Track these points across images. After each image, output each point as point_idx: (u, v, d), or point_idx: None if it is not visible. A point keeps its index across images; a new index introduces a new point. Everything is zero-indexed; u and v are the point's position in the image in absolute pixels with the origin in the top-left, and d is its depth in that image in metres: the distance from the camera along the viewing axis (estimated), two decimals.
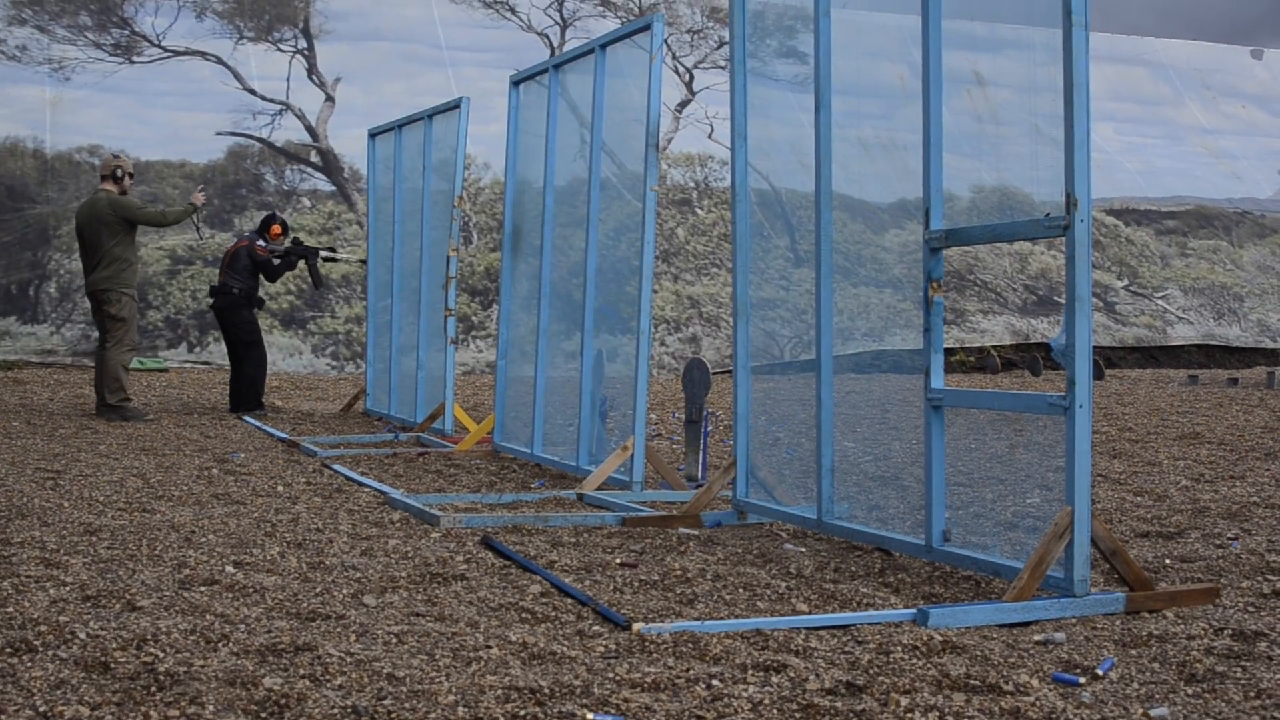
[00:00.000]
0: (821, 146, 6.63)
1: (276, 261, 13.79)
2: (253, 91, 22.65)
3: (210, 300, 14.00)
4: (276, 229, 13.95)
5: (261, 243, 13.69)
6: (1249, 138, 30.18)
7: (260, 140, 22.04)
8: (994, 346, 21.58)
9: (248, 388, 13.31)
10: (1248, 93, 31.55)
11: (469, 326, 19.63)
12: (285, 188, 21.53)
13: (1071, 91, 5.16)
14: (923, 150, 5.90)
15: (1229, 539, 6.80)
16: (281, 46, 23.49)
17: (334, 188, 21.64)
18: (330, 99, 22.98)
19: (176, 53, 22.76)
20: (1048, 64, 5.30)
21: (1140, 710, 4.01)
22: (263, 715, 3.87)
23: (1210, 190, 27.89)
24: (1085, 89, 5.17)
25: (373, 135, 13.80)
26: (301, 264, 14.49)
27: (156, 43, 22.77)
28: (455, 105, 11.52)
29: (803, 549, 6.52)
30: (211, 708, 3.88)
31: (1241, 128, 30.42)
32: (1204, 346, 23.47)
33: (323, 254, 14.79)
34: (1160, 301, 24.11)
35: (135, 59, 22.51)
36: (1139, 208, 26.38)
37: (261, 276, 13.69)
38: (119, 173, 12.51)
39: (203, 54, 22.91)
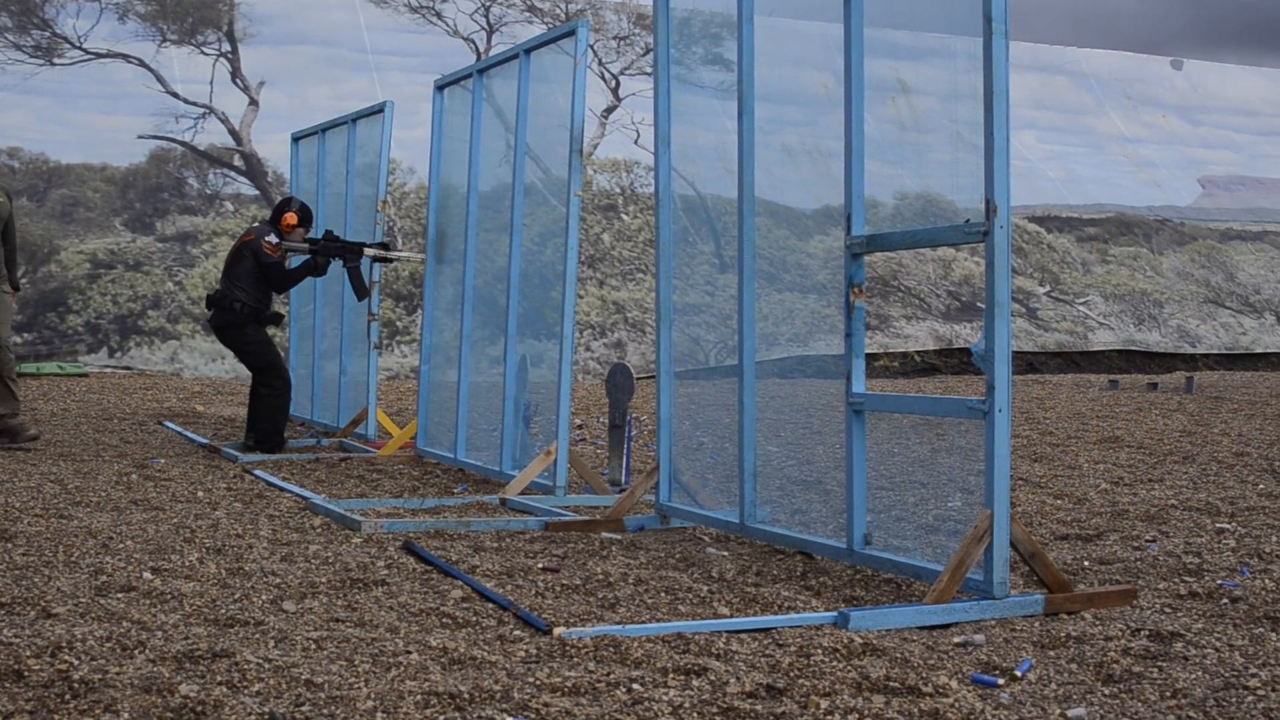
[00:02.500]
0: (744, 152, 6.65)
1: (293, 263, 10.85)
2: (175, 95, 22.44)
3: (208, 311, 10.89)
4: (291, 218, 10.69)
5: (273, 238, 10.53)
6: (1169, 147, 30.54)
7: (183, 144, 21.84)
8: (917, 352, 21.71)
9: (263, 422, 10.42)
10: (1168, 102, 31.94)
11: (393, 331, 19.54)
12: (208, 191, 21.34)
13: (991, 98, 5.20)
14: (845, 156, 5.93)
15: (1147, 541, 6.87)
16: (205, 50, 23.29)
17: (257, 192, 21.47)
18: (254, 103, 22.81)
19: (98, 55, 22.52)
20: (970, 72, 5.33)
21: (1058, 711, 4.04)
22: None
23: (1131, 198, 28.20)
24: (1005, 96, 5.21)
25: (296, 139, 13.70)
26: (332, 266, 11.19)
27: (78, 45, 22.52)
28: (379, 109, 11.46)
29: (725, 553, 6.53)
30: (127, 715, 3.84)
31: (1162, 137, 30.78)
32: (1124, 352, 23.72)
33: (369, 253, 10.69)
34: (1081, 307, 24.35)
35: (56, 61, 22.25)
36: (1061, 215, 26.63)
37: (272, 284, 10.67)
38: None
39: (125, 56, 22.67)
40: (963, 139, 5.53)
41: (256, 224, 10.99)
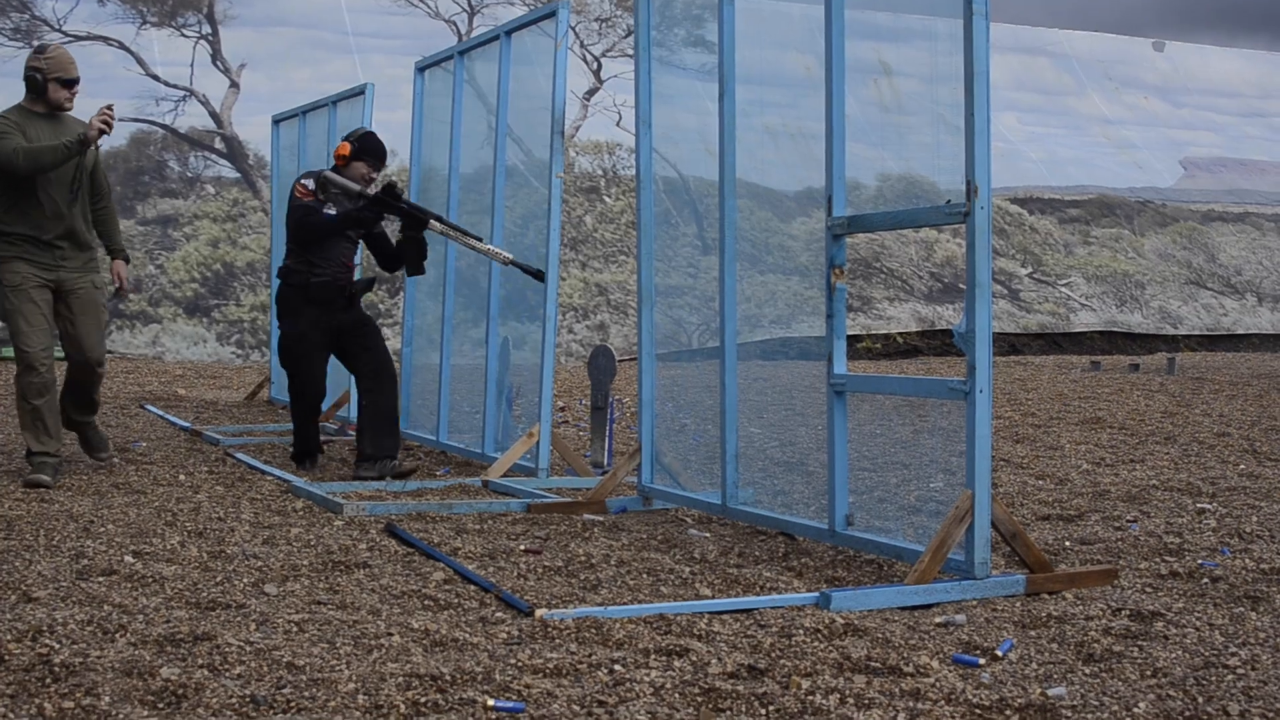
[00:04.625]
0: (726, 134, 6.65)
1: (328, 210, 8.25)
2: (156, 77, 22.36)
3: None
4: (343, 147, 8.38)
5: (308, 181, 8.33)
6: (1150, 128, 30.58)
7: (164, 127, 21.76)
8: (900, 333, 21.73)
9: (295, 433, 8.62)
10: (1149, 84, 31.97)
11: (375, 314, 19.51)
12: (189, 174, 21.28)
13: (972, 80, 5.20)
14: (826, 137, 5.92)
15: (1128, 521, 6.89)
16: (185, 32, 23.20)
17: (238, 175, 21.41)
18: (235, 85, 22.73)
19: (78, 37, 22.40)
20: (951, 53, 5.33)
21: (1038, 690, 4.05)
22: (160, 706, 3.82)
23: (1112, 179, 28.24)
24: (985, 77, 5.21)
25: (277, 121, 13.65)
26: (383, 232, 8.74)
27: (57, 27, 22.41)
28: (360, 92, 11.42)
29: (707, 534, 6.53)
30: (108, 699, 3.83)
31: (1143, 118, 30.82)
32: (1106, 333, 23.77)
33: (436, 227, 8.27)
34: (1064, 289, 24.39)
35: (35, 43, 22.13)
36: (1042, 196, 26.66)
37: (295, 234, 8.34)
38: (38, 77, 7.69)
39: (105, 39, 22.57)
40: (945, 120, 5.53)
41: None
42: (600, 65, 25.28)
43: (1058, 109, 29.90)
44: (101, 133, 7.49)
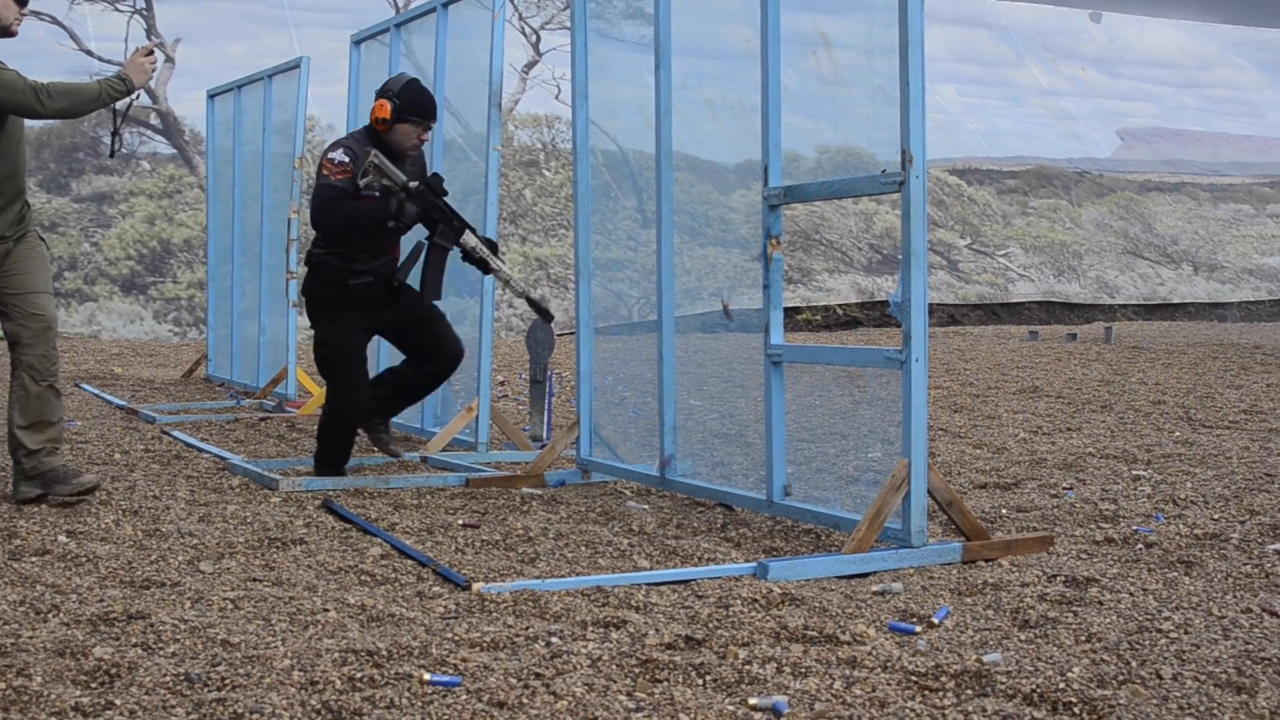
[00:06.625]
0: (661, 106, 6.63)
1: (369, 188, 6.89)
2: (90, 53, 22.10)
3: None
4: (381, 107, 7.03)
5: (337, 155, 6.93)
6: (1088, 99, 30.75)
7: None
8: (839, 305, 21.79)
9: (318, 437, 7.38)
10: (1087, 55, 32.14)
11: None
12: (124, 151, 21.05)
13: (907, 49, 5.20)
14: (761, 107, 5.92)
15: (1064, 489, 6.93)
16: (119, 7, 22.94)
17: (174, 151, 21.22)
18: (170, 60, 22.51)
19: None
20: (889, 25, 5.33)
21: (974, 656, 4.07)
22: (93, 685, 3.79)
23: (1050, 150, 28.39)
24: (920, 46, 5.21)
25: (211, 96, 13.52)
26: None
27: None
28: (295, 65, 11.33)
29: (645, 506, 6.53)
30: (40, 679, 3.79)
31: (1081, 89, 30.99)
32: (1044, 303, 23.92)
33: (469, 242, 7.14)
34: (1002, 259, 24.52)
35: None
36: (981, 167, 26.77)
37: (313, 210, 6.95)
38: None
39: (37, 14, 22.26)
40: (883, 92, 5.53)
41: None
42: (539, 38, 25.17)
43: (996, 80, 30.02)
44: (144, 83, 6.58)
